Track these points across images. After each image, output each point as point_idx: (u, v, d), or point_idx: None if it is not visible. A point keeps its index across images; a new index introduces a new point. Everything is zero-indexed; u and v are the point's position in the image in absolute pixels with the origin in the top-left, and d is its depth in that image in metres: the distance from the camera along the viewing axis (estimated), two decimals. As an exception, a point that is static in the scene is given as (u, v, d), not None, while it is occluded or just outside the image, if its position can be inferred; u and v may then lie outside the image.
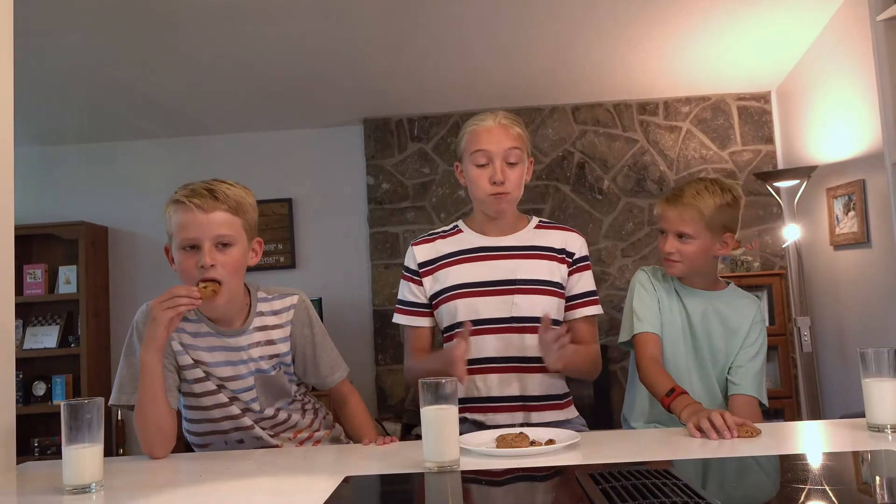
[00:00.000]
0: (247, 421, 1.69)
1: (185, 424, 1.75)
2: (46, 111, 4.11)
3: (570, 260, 1.85)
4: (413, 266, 1.87)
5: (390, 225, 4.35)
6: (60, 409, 1.31)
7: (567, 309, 1.85)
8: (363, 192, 4.41)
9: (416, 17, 3.46)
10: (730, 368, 1.91)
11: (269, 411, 1.71)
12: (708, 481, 1.22)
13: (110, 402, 1.61)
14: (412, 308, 1.87)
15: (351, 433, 1.81)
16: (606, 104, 4.33)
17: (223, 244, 1.56)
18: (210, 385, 1.67)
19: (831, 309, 3.82)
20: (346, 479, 1.28)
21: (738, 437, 1.44)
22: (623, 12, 3.47)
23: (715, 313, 1.90)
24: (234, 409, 1.68)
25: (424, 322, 1.87)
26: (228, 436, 1.71)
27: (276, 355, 1.69)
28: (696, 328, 1.90)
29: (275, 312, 1.70)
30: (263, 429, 1.71)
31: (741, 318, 1.91)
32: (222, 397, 1.67)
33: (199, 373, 1.66)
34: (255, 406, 1.68)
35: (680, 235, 1.85)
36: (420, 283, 1.86)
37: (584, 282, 1.86)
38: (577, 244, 1.86)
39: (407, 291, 1.88)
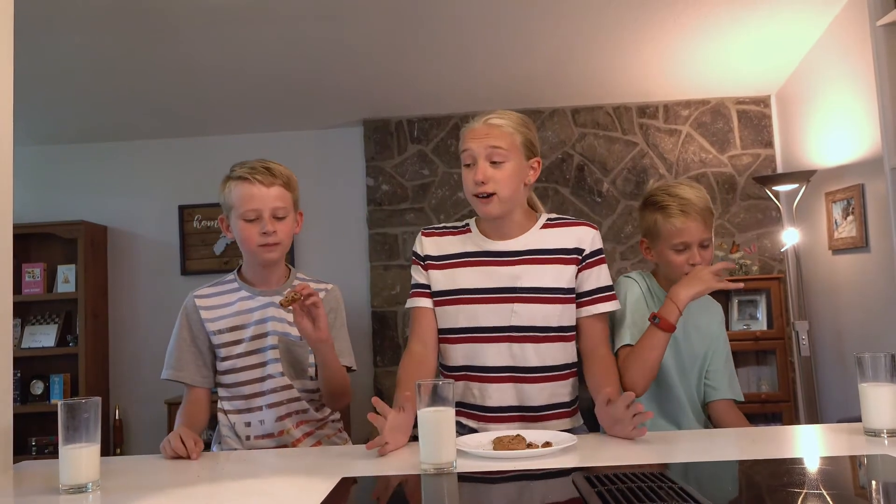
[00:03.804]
0: (268, 386, 1.81)
1: (222, 404, 1.86)
2: (46, 110, 4.11)
3: (580, 257, 1.77)
4: (420, 252, 1.85)
5: (389, 226, 4.35)
6: (58, 409, 1.31)
7: (579, 306, 1.78)
8: (362, 193, 4.41)
9: (417, 19, 3.46)
10: (707, 372, 1.92)
11: (289, 381, 1.81)
12: (704, 485, 1.22)
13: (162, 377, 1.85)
14: (418, 289, 1.84)
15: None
16: (606, 107, 4.34)
17: (279, 216, 1.77)
18: (241, 348, 1.82)
19: (830, 313, 3.82)
20: (343, 480, 1.28)
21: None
22: (623, 15, 3.47)
23: (691, 319, 1.90)
24: (262, 372, 1.81)
25: (427, 302, 1.82)
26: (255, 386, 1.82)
27: None
28: (678, 336, 1.88)
29: None
30: (277, 403, 1.81)
31: (711, 322, 1.94)
32: (251, 359, 1.81)
33: (232, 336, 1.82)
34: (279, 367, 1.80)
35: (701, 243, 1.83)
36: (426, 269, 1.84)
37: (596, 277, 1.77)
38: (588, 238, 1.78)
39: (415, 273, 1.86)
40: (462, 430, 1.76)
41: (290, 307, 1.64)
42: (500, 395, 1.73)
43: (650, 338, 1.75)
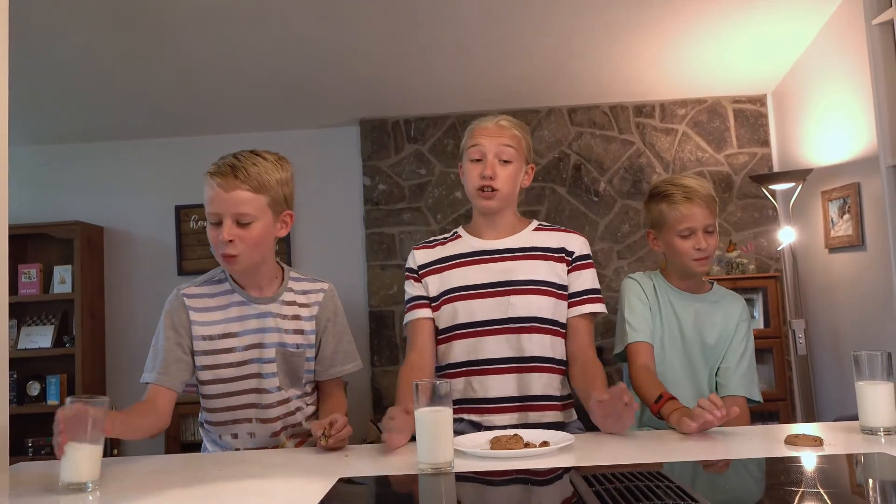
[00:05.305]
0: (263, 400, 1.72)
1: (202, 415, 1.78)
2: (43, 110, 4.11)
3: (570, 259, 1.85)
4: (414, 266, 1.92)
5: (386, 226, 4.35)
6: (66, 404, 1.30)
7: (569, 306, 1.85)
8: (359, 193, 4.41)
9: (414, 19, 3.46)
10: (718, 369, 1.93)
11: (286, 394, 1.74)
12: (700, 483, 1.22)
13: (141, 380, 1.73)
14: (413, 302, 1.90)
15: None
16: (603, 106, 4.34)
17: (242, 222, 1.60)
18: (233, 357, 1.70)
19: (826, 312, 3.82)
20: (341, 481, 1.28)
21: (804, 445, 1.39)
22: (620, 15, 3.47)
23: (706, 315, 1.93)
24: (257, 384, 1.71)
25: (425, 313, 1.87)
26: (239, 413, 1.73)
27: (302, 332, 1.74)
28: (686, 333, 1.92)
29: (304, 292, 1.77)
30: (273, 418, 1.74)
31: (729, 317, 1.95)
32: (244, 370, 1.71)
33: (224, 343, 1.70)
34: (276, 382, 1.71)
35: (706, 229, 1.87)
36: (420, 281, 1.90)
37: (583, 279, 1.85)
38: (576, 243, 1.87)
39: (409, 288, 1.92)
40: (463, 424, 1.79)
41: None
42: (501, 386, 1.78)
43: (650, 397, 1.72)
